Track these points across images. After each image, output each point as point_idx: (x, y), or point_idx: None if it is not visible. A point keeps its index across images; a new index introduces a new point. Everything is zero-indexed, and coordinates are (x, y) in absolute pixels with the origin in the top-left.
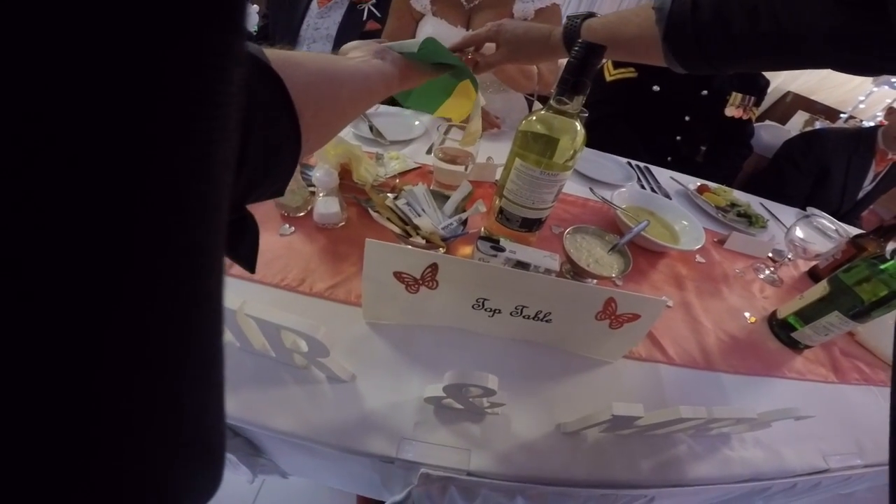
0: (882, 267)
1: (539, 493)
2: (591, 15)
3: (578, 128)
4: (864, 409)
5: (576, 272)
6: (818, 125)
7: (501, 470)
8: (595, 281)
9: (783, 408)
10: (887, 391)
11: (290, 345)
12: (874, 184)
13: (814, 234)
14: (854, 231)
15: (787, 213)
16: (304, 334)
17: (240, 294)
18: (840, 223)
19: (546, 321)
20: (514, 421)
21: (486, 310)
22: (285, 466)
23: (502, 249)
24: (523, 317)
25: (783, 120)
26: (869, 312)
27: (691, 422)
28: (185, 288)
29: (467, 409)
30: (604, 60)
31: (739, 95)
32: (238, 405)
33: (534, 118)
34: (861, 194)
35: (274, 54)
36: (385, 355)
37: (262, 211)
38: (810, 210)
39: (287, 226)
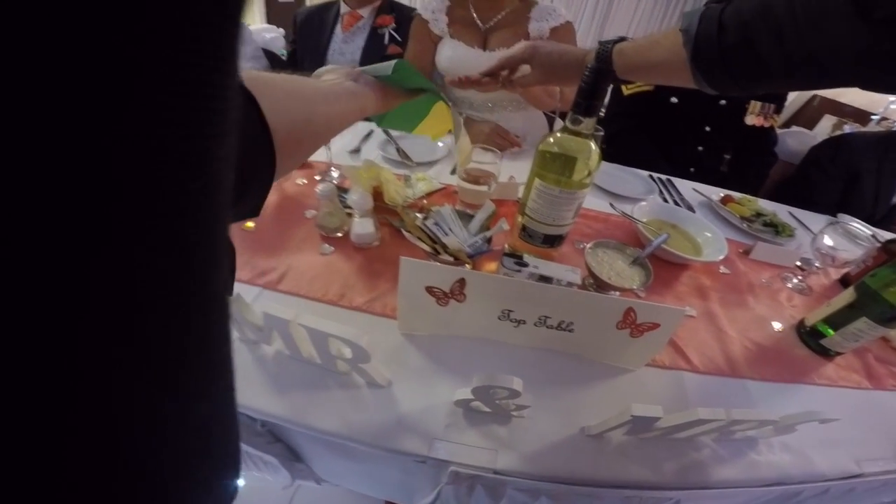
0: None
1: (563, 492)
2: (622, 39)
3: (593, 147)
4: None
5: (598, 285)
6: (847, 129)
7: (526, 470)
8: (618, 293)
9: (807, 411)
10: None
11: (335, 352)
12: None
13: (843, 241)
14: (890, 236)
15: (816, 220)
16: (350, 341)
17: (287, 307)
18: (875, 229)
19: (568, 331)
20: (539, 424)
21: (511, 321)
22: (320, 472)
23: (525, 265)
24: (546, 327)
25: (810, 125)
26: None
27: (711, 423)
28: (191, 289)
29: (494, 412)
30: (637, 85)
31: (759, 103)
32: (286, 407)
33: (551, 139)
34: (895, 199)
35: (246, 74)
36: (418, 363)
37: (303, 232)
38: (841, 217)
39: (327, 245)
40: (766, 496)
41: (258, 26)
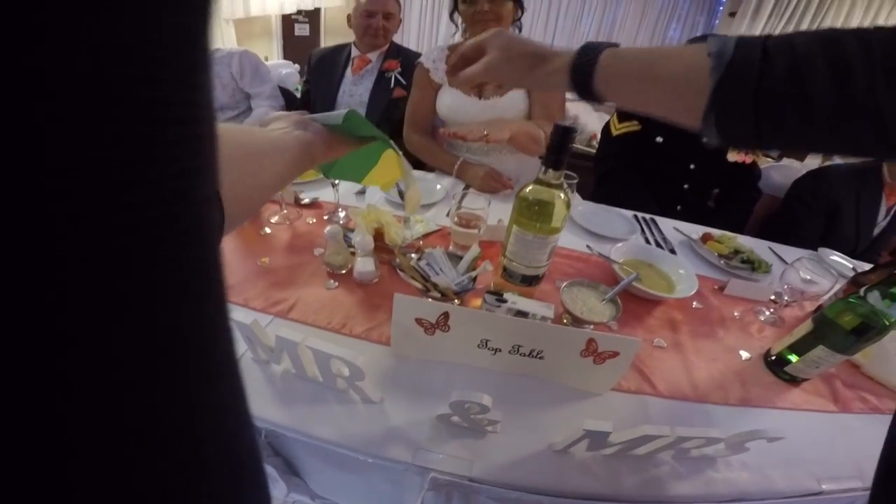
0: (851, 299)
1: (531, 501)
2: (613, 45)
3: (562, 196)
4: (867, 436)
5: (574, 320)
6: (838, 160)
7: (498, 479)
8: (591, 326)
9: (753, 429)
10: None
11: (335, 371)
12: (889, 218)
13: (816, 274)
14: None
15: (797, 255)
16: (348, 361)
17: (295, 333)
18: (857, 261)
19: (539, 358)
20: (511, 439)
21: (488, 349)
22: (316, 487)
23: (505, 301)
24: (520, 354)
25: (803, 157)
26: (850, 345)
27: (660, 440)
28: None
29: (471, 427)
30: (626, 125)
31: None
32: (291, 418)
33: (527, 189)
34: (877, 230)
35: None
36: (407, 383)
37: (312, 268)
38: (822, 250)
39: (332, 281)
40: None
41: (275, 61)
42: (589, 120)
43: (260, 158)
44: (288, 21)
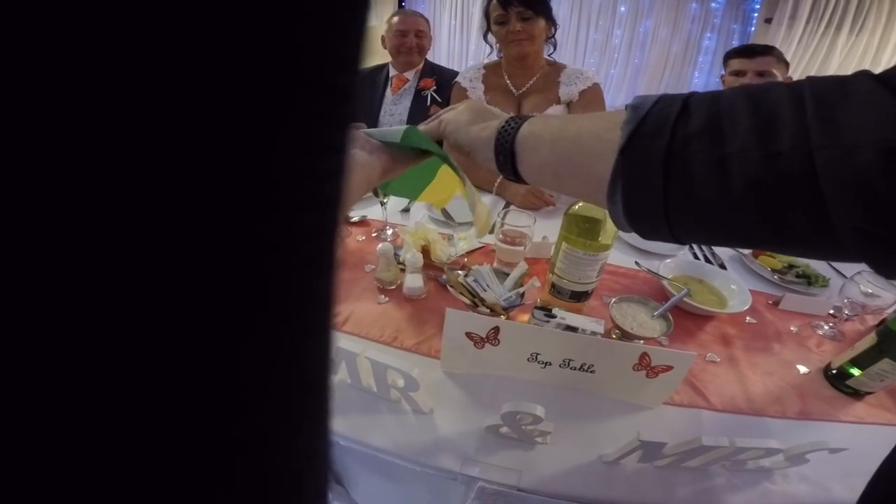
0: None
1: None
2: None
3: None
4: None
5: (623, 335)
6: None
7: (546, 489)
8: (642, 341)
9: (815, 441)
10: None
11: (390, 381)
12: None
13: (880, 288)
14: None
15: (856, 268)
16: (404, 372)
17: (354, 345)
18: None
19: (590, 372)
20: (561, 450)
21: (538, 362)
22: (357, 496)
23: (554, 316)
24: (570, 368)
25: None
26: None
27: (717, 451)
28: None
29: (520, 438)
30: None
31: None
32: (346, 427)
33: (576, 206)
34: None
35: None
36: (457, 396)
37: (364, 283)
38: None
39: (383, 296)
40: None
41: None
42: None
43: None
44: None
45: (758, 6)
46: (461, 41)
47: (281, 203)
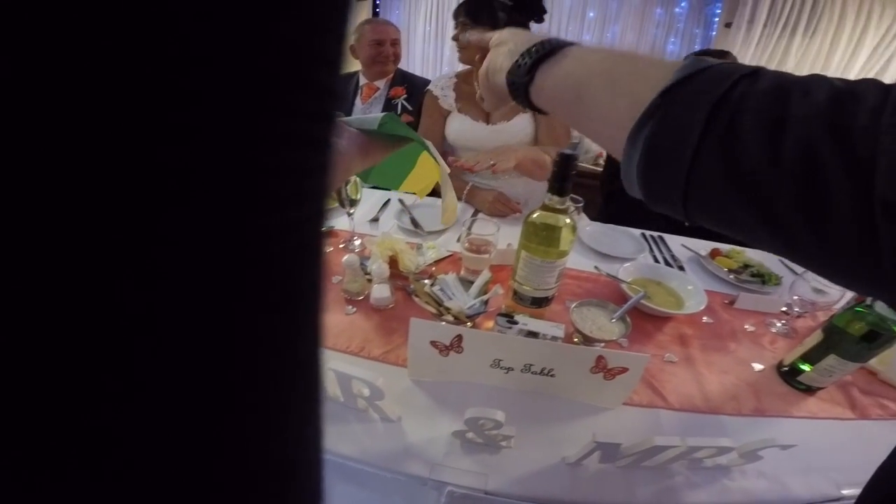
0: (858, 309)
1: None
2: (557, 49)
3: (568, 221)
4: (887, 441)
5: (584, 339)
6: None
7: (513, 491)
8: (602, 344)
9: (765, 438)
10: None
11: (356, 391)
12: None
13: (828, 285)
14: None
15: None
16: (368, 382)
17: None
18: None
19: (550, 376)
20: (526, 453)
21: (501, 368)
22: None
23: (516, 322)
24: (531, 373)
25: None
26: (861, 353)
27: (670, 450)
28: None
29: (486, 443)
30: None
31: None
32: None
33: (534, 215)
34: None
35: None
36: (424, 403)
37: (330, 296)
38: None
39: (350, 307)
40: None
41: None
42: None
43: None
44: None
45: (718, 11)
46: (436, 47)
47: (268, 195)
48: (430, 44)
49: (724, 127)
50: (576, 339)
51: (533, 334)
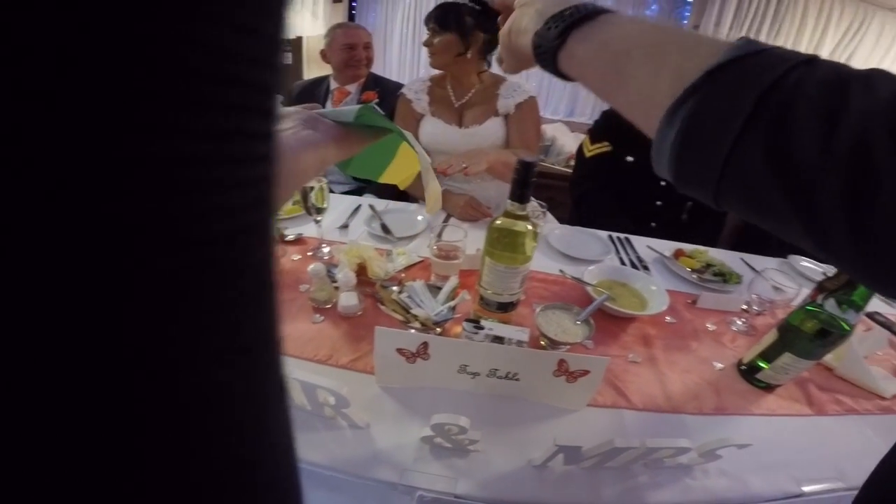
0: (809, 308)
1: None
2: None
3: (530, 227)
4: (844, 437)
5: (550, 342)
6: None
7: (482, 495)
8: (567, 347)
9: (721, 437)
10: (872, 419)
11: (322, 400)
12: None
13: (787, 280)
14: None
15: (770, 264)
16: (332, 390)
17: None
18: (827, 265)
19: (515, 380)
20: (493, 457)
21: (467, 373)
22: None
23: (482, 328)
24: (497, 377)
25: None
26: (815, 351)
27: (630, 451)
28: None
29: (454, 447)
30: (598, 146)
31: None
32: None
33: (497, 222)
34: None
35: None
36: (392, 409)
37: (298, 304)
38: (791, 257)
39: (318, 315)
40: None
41: None
42: (566, 141)
43: None
44: None
45: (688, 14)
46: (412, 50)
47: (196, 182)
48: (406, 47)
49: (773, 112)
50: (542, 343)
51: (499, 339)
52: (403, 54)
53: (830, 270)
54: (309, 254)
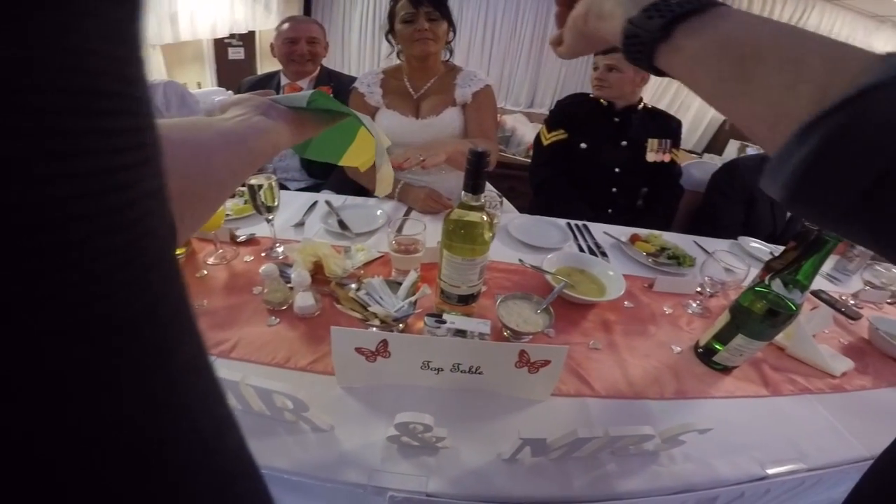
0: (758, 288)
1: None
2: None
3: (485, 218)
4: (800, 416)
5: (512, 333)
6: (750, 151)
7: (454, 491)
8: (530, 337)
9: (683, 423)
10: (825, 397)
11: (280, 405)
12: None
13: (736, 262)
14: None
15: (719, 246)
16: (289, 395)
17: (240, 372)
18: (775, 245)
19: (479, 373)
20: (462, 453)
21: (431, 369)
22: None
23: (444, 322)
24: (460, 372)
25: (722, 151)
26: (766, 331)
27: (594, 441)
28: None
29: (422, 445)
30: (555, 133)
31: (656, 141)
32: None
33: (452, 215)
34: (789, 213)
35: None
36: (356, 409)
37: (252, 307)
38: (741, 239)
39: (273, 318)
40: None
41: (208, 88)
42: (526, 131)
43: (210, 155)
44: (221, 45)
45: None
46: (373, 44)
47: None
48: (366, 40)
49: None
50: (505, 334)
51: (461, 333)
52: (363, 47)
53: (777, 250)
54: (262, 254)
